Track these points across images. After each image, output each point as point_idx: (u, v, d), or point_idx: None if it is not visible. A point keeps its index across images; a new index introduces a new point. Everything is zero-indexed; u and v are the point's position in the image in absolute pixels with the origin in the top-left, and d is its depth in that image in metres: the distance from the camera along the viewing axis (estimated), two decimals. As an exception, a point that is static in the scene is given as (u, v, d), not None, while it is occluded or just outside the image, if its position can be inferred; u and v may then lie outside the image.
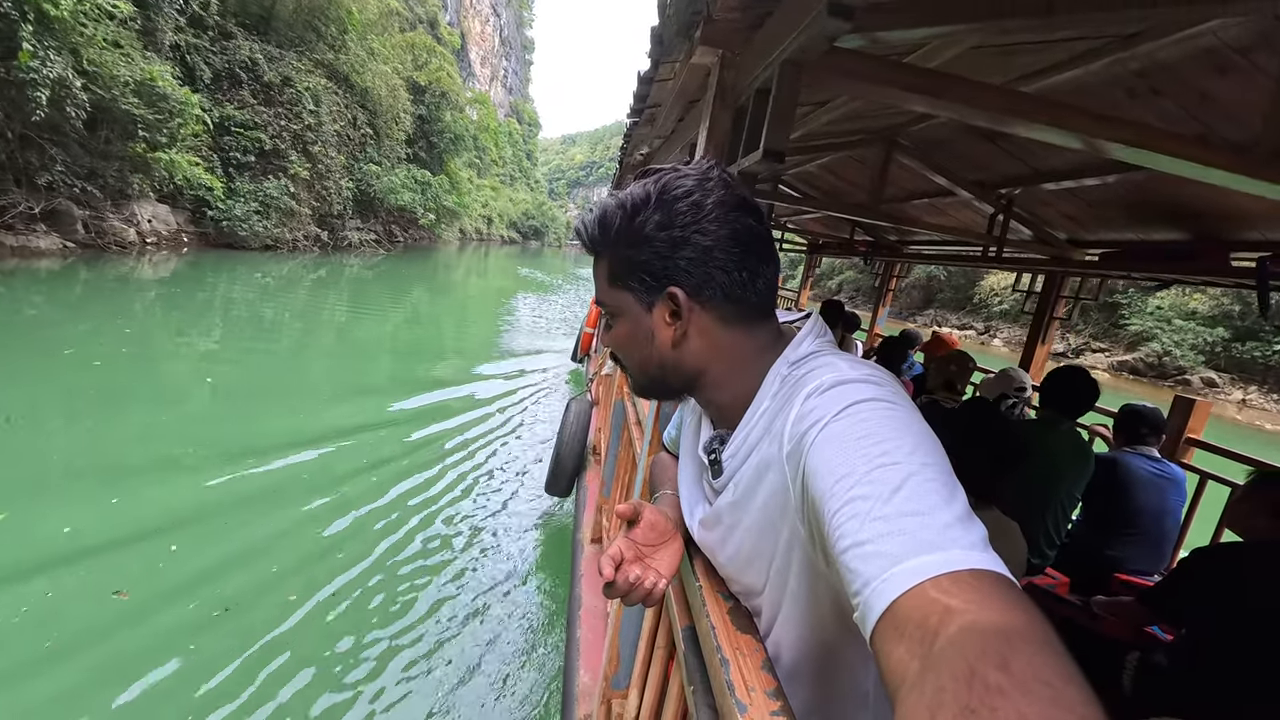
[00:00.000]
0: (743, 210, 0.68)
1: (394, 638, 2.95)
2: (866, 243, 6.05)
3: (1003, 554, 1.39)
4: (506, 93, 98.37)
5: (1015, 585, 0.40)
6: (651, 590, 0.78)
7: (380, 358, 8.77)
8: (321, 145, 20.85)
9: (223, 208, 16.70)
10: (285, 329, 9.56)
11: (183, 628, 2.75)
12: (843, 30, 0.82)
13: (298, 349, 8.60)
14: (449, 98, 34.03)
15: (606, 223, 0.70)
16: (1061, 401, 2.39)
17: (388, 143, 27.23)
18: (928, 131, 3.15)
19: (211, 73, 17.31)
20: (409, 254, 27.91)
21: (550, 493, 3.96)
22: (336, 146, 22.28)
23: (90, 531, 3.27)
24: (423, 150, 33.57)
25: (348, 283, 16.27)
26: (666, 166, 0.70)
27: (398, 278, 19.41)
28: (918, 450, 0.49)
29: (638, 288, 0.70)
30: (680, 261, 0.67)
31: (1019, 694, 0.30)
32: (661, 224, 0.66)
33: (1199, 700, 1.53)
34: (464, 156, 43.24)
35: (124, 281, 10.95)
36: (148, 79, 12.87)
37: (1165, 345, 20.16)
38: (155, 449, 4.36)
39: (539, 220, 76.26)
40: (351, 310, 12.02)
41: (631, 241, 0.68)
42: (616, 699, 1.57)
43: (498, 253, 47.11)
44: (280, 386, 6.55)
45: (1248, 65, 1.66)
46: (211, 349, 7.65)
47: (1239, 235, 2.70)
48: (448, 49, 40.16)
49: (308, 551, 3.48)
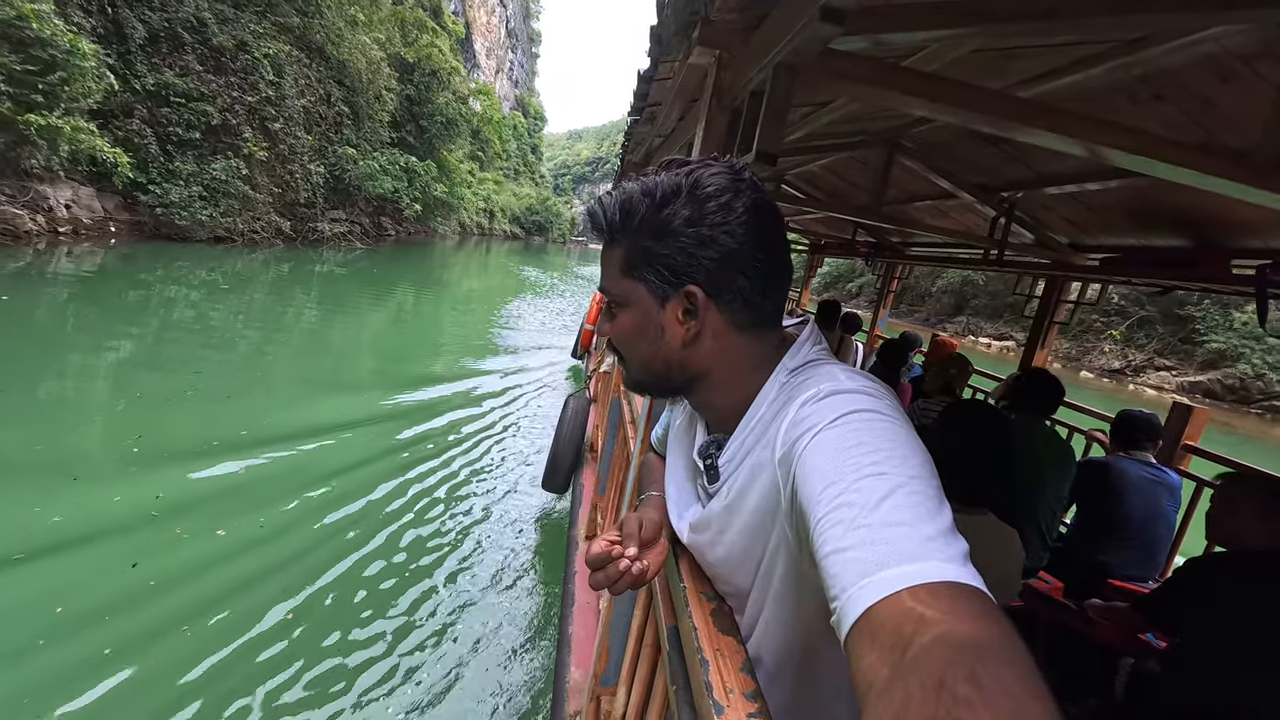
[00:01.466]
0: (772, 217, 0.67)
1: (387, 630, 2.96)
2: (868, 244, 6.04)
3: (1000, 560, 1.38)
4: (512, 85, 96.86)
5: (991, 600, 0.40)
6: (636, 574, 0.76)
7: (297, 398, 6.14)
8: (285, 123, 17.95)
9: (158, 191, 14.15)
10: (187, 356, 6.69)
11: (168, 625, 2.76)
12: (835, 34, 0.81)
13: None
14: (440, 77, 30.83)
15: (630, 209, 0.67)
16: (1033, 403, 2.45)
17: (369, 124, 24.16)
18: (930, 134, 3.14)
19: (147, 31, 14.34)
20: (399, 249, 25.90)
21: (547, 489, 3.96)
22: (305, 125, 19.27)
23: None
24: (411, 135, 30.13)
25: (292, 283, 13.27)
26: (695, 159, 0.68)
27: (365, 280, 15.78)
28: (907, 463, 0.50)
29: (654, 281, 0.68)
30: (704, 260, 0.65)
31: (984, 707, 0.31)
32: (690, 219, 0.64)
33: (1191, 707, 1.53)
34: (460, 144, 40.25)
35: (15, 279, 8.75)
36: (16, 17, 9.85)
37: (1256, 367, 17.24)
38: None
39: (543, 216, 74.96)
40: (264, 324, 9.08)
41: (655, 233, 0.66)
42: (605, 696, 1.58)
43: (499, 249, 45.40)
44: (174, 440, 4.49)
45: (1249, 73, 1.66)
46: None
47: (1240, 242, 2.69)
48: (450, 37, 38.57)
49: (301, 545, 3.50)
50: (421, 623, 3.06)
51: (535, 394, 7.47)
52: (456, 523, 4.07)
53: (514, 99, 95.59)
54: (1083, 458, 3.16)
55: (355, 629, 2.94)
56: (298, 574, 3.24)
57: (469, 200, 45.56)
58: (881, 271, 6.37)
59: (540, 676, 2.84)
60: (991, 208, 3.43)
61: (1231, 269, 2.71)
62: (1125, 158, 1.36)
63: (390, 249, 25.11)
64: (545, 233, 76.24)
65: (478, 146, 54.96)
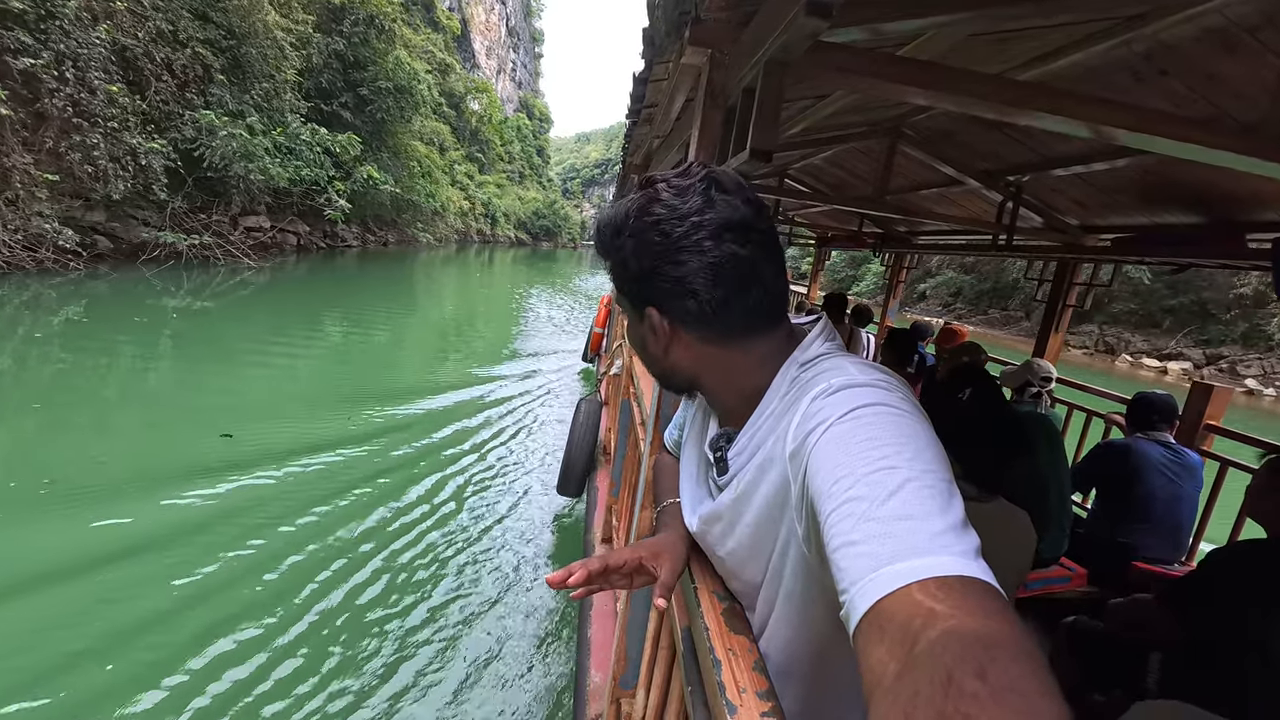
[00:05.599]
0: (724, 234, 0.63)
1: (408, 634, 3.00)
2: (875, 235, 6.00)
3: (1012, 543, 1.37)
4: (515, 87, 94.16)
5: (1002, 596, 0.40)
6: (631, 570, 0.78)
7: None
8: (63, 62, 10.91)
9: None
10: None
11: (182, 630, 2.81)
12: (822, 28, 0.81)
13: None
14: (381, 27, 22.21)
15: (599, 237, 0.72)
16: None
17: (261, 85, 16.64)
18: (932, 121, 3.11)
19: None
20: (327, 264, 18.40)
21: (562, 494, 3.97)
22: (126, 74, 12.60)
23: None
24: (347, 108, 22.20)
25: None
26: (658, 176, 0.68)
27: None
28: (919, 457, 0.49)
29: (625, 300, 0.73)
30: (658, 284, 0.66)
31: (993, 703, 0.30)
32: (635, 250, 0.67)
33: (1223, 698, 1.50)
34: (425, 124, 31.04)
35: None
36: None
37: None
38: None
39: (551, 220, 72.96)
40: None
41: (617, 260, 0.70)
42: (625, 699, 1.58)
43: (503, 256, 40.10)
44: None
45: (1256, 44, 1.62)
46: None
47: (1254, 216, 2.64)
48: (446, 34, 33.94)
49: (322, 554, 3.54)
50: (442, 627, 3.09)
51: (545, 400, 7.48)
52: (473, 529, 4.09)
53: (518, 100, 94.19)
54: (1102, 440, 3.12)
55: (379, 629, 2.99)
56: (322, 577, 3.30)
57: (448, 199, 36.59)
58: (890, 262, 6.32)
59: (564, 675, 2.85)
60: (998, 192, 3.40)
61: (1247, 243, 2.66)
62: (1131, 136, 1.34)
63: (315, 263, 17.86)
64: (554, 237, 74.87)
65: (476, 148, 52.14)
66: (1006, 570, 1.48)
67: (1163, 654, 1.77)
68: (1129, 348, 18.72)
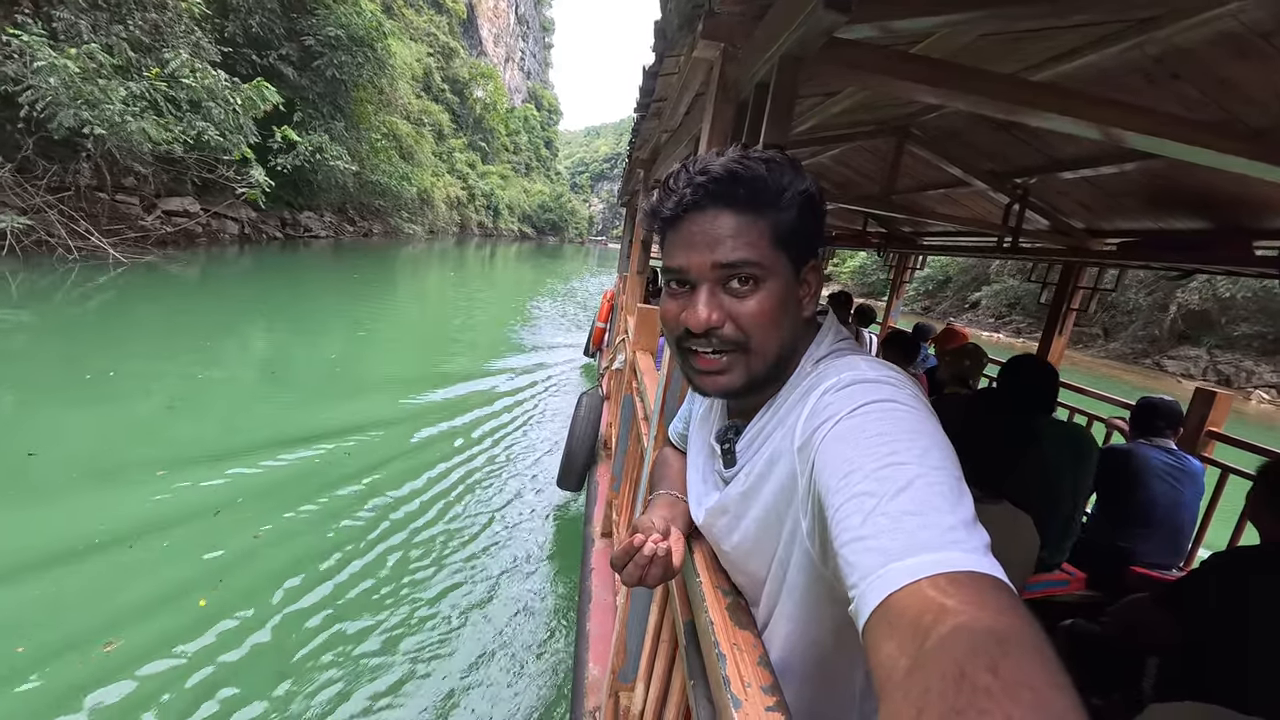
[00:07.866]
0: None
1: (406, 625, 3.01)
2: (880, 234, 5.99)
3: (1015, 545, 1.38)
4: (524, 76, 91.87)
5: (1012, 591, 0.40)
6: (664, 558, 0.76)
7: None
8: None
9: None
10: None
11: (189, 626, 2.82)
12: (840, 23, 0.81)
13: None
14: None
15: (775, 179, 0.65)
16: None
17: (146, 15, 12.34)
18: (940, 121, 3.10)
19: None
20: (222, 261, 13.68)
21: (562, 488, 3.97)
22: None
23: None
24: (289, 61, 17.60)
25: None
26: (752, 151, 0.69)
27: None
28: (929, 453, 0.49)
29: (794, 254, 0.68)
30: (820, 230, 0.69)
31: (1006, 698, 0.30)
32: (808, 204, 0.67)
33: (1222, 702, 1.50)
34: (399, 91, 24.92)
35: None
36: None
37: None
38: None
39: (557, 214, 71.55)
40: None
41: (800, 205, 0.67)
42: (624, 692, 1.59)
43: (505, 251, 36.88)
44: None
45: (1269, 50, 1.61)
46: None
47: (1262, 223, 2.63)
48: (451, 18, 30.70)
49: (320, 542, 3.55)
50: (440, 618, 3.10)
51: (547, 393, 7.48)
52: (473, 522, 4.10)
53: (526, 90, 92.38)
54: (1104, 445, 3.11)
55: (377, 620, 3.00)
56: (321, 567, 3.32)
57: (431, 185, 31.65)
58: (894, 263, 6.31)
59: (560, 672, 2.86)
60: (1004, 194, 3.39)
61: (1254, 250, 2.66)
62: (1141, 139, 1.33)
63: (265, 257, 14.11)
64: (560, 231, 72.27)
65: (480, 136, 49.90)
66: (1008, 572, 1.47)
67: (1160, 657, 1.78)
68: (1252, 379, 13.24)
